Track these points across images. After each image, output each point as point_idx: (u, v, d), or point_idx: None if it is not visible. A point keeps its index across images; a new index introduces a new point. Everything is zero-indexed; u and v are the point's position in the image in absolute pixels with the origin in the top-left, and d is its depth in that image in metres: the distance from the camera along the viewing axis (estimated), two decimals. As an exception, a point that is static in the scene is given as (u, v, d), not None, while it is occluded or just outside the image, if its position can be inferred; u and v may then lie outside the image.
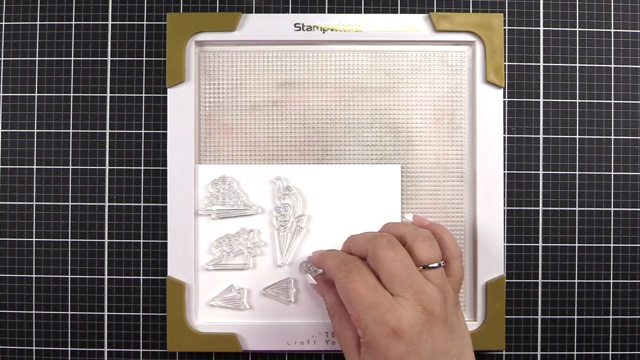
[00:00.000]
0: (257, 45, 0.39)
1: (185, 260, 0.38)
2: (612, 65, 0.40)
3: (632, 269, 0.39)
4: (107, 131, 0.40)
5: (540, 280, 0.39)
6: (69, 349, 0.39)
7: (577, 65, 0.40)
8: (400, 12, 0.40)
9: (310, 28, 0.39)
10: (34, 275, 0.39)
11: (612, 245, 0.39)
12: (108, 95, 0.40)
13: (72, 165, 0.40)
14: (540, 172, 0.40)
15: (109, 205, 0.40)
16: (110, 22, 0.40)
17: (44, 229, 0.39)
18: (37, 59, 0.40)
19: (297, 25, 0.39)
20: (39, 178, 0.40)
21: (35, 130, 0.40)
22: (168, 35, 0.38)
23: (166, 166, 0.39)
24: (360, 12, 0.40)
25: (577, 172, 0.40)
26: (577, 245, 0.39)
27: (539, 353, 0.39)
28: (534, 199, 0.40)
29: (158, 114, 0.40)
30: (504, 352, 0.39)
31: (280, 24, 0.39)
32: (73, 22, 0.40)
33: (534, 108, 0.40)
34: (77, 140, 0.40)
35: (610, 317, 0.39)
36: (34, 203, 0.40)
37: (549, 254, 0.39)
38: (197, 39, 0.39)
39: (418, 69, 0.39)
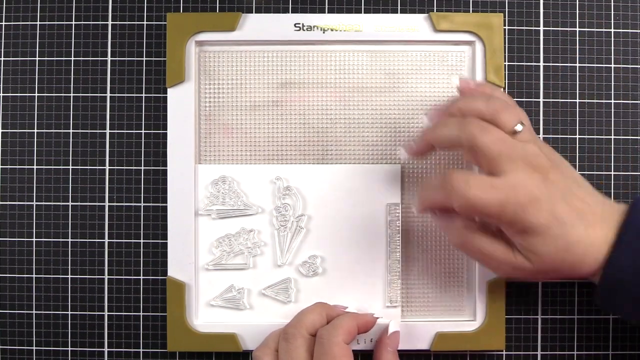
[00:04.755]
0: (257, 45, 0.39)
1: (186, 260, 0.38)
2: (612, 65, 0.40)
3: (632, 269, 0.39)
4: (107, 131, 0.40)
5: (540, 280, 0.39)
6: (69, 349, 0.39)
7: (577, 65, 0.40)
8: (400, 12, 0.40)
9: (310, 28, 0.39)
10: (34, 275, 0.39)
11: (612, 245, 0.39)
12: (108, 95, 0.40)
13: (72, 165, 0.40)
14: (540, 172, 0.39)
15: (109, 205, 0.40)
16: (110, 22, 0.40)
17: (44, 229, 0.39)
18: (37, 59, 0.40)
19: (297, 25, 0.39)
20: (39, 178, 0.40)
21: (35, 130, 0.40)
22: (168, 35, 0.38)
23: (166, 166, 0.39)
24: (360, 12, 0.40)
25: (577, 172, 0.40)
26: (577, 245, 0.39)
27: (539, 353, 0.39)
28: (534, 199, 0.39)
29: (158, 114, 0.40)
30: (504, 352, 0.39)
31: (280, 24, 0.39)
32: (73, 22, 0.40)
33: (533, 108, 0.40)
34: (77, 140, 0.40)
35: (611, 316, 0.39)
36: (34, 203, 0.40)
37: (549, 254, 0.39)
38: (197, 39, 0.39)
39: (418, 69, 0.39)
